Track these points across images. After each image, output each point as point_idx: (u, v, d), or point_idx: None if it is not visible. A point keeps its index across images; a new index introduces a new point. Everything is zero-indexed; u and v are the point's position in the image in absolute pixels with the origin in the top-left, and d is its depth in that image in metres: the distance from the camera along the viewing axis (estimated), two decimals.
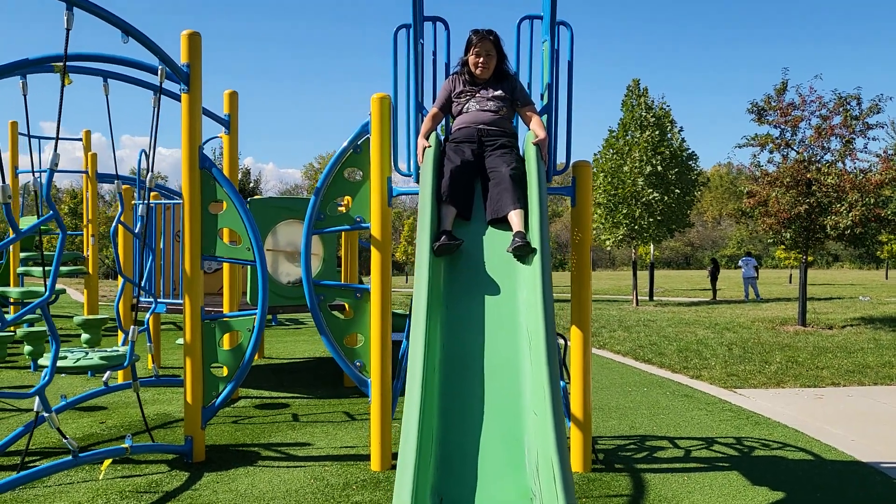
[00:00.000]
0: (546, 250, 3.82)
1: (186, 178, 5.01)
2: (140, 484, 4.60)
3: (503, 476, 3.10)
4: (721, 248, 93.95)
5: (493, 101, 4.56)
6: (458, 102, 4.63)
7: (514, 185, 4.18)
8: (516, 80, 4.77)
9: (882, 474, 5.00)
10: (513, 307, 3.78)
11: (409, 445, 2.89)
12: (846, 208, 12.88)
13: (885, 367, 9.30)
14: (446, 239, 3.92)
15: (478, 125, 4.51)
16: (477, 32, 4.57)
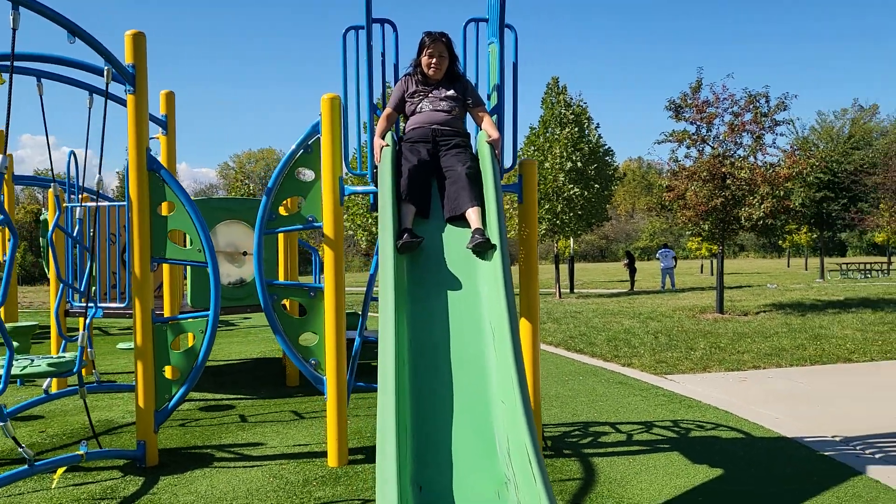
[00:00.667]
0: (504, 245, 3.98)
1: (134, 181, 4.95)
2: (95, 491, 4.54)
3: (477, 463, 3.24)
4: (634, 241, 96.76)
5: (446, 101, 4.69)
6: (412, 102, 4.74)
7: (470, 184, 4.32)
8: (468, 81, 4.91)
9: (806, 447, 5.38)
10: (475, 301, 3.92)
11: (388, 439, 2.99)
12: (758, 200, 13.60)
13: (799, 350, 9.90)
14: (408, 237, 4.04)
15: (432, 125, 4.63)
16: (430, 35, 4.69)
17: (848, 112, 68.75)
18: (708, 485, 4.56)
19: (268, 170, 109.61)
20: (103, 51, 4.69)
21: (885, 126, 70.91)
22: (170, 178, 5.02)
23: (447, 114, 4.67)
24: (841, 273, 35.59)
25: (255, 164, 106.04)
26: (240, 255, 7.52)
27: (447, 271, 4.07)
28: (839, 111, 62.16)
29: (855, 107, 69.20)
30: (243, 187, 52.55)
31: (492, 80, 5.09)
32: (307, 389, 7.77)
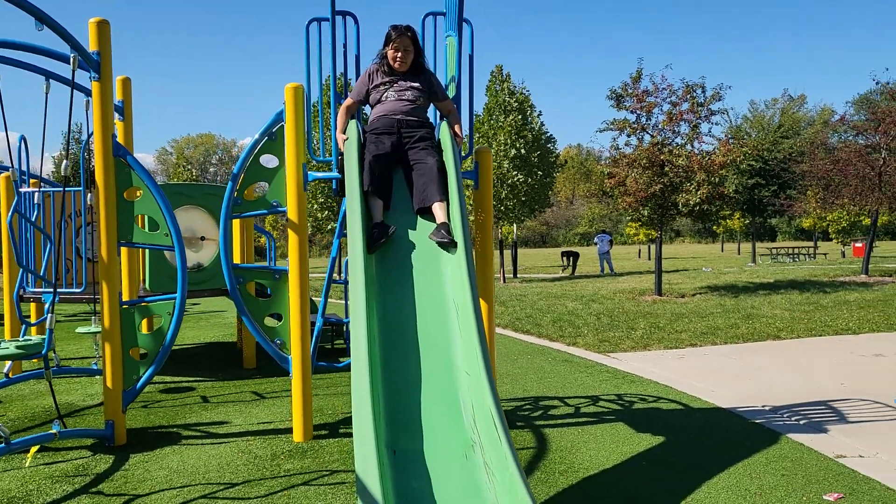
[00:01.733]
0: (466, 229, 4.24)
1: (100, 166, 5.04)
2: (67, 469, 4.66)
3: (445, 429, 3.52)
4: (574, 227, 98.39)
5: (411, 91, 4.79)
6: (378, 91, 4.82)
7: (439, 177, 4.45)
8: (432, 74, 5.01)
9: (739, 417, 5.81)
10: (439, 281, 4.18)
11: (364, 407, 3.24)
12: (695, 187, 14.19)
13: (732, 329, 10.47)
14: (380, 233, 4.19)
15: (396, 115, 4.72)
16: (396, 28, 4.78)
17: (778, 102, 71.20)
18: (651, 451, 4.93)
19: (207, 155, 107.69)
20: (69, 38, 4.76)
21: (812, 116, 73.60)
22: (136, 163, 5.13)
23: (412, 103, 4.77)
24: (771, 257, 37.00)
25: (195, 150, 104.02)
26: (197, 240, 7.62)
27: (412, 255, 4.30)
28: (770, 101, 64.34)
29: (784, 97, 71.75)
30: (185, 172, 51.65)
31: (449, 72, 5.34)
32: (265, 371, 7.94)
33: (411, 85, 4.82)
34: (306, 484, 4.33)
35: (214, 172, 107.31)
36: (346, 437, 5.34)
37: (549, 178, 25.75)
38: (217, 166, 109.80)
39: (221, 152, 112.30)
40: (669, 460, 4.71)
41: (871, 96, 44.87)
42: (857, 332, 10.09)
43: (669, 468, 4.54)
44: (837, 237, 38.10)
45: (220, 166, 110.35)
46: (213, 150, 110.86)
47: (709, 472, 4.42)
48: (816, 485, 4.17)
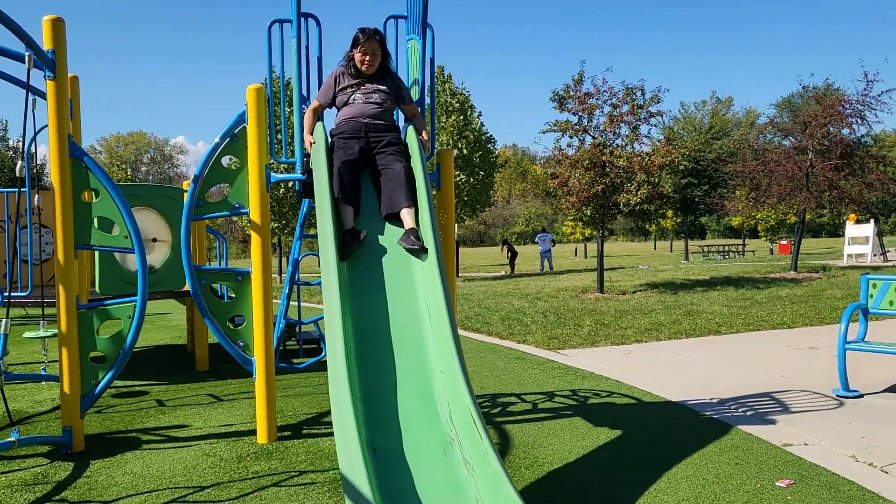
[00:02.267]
0: (436, 232, 4.32)
1: (56, 167, 4.94)
2: (25, 478, 4.55)
3: (422, 427, 3.59)
4: (511, 226, 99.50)
5: (378, 94, 4.83)
6: (344, 94, 4.86)
7: (407, 183, 4.52)
8: (399, 77, 5.08)
9: (689, 409, 6.05)
10: (410, 283, 4.25)
11: (345, 408, 3.29)
12: (635, 187, 14.58)
13: (675, 324, 10.82)
14: (351, 240, 4.28)
15: (364, 118, 4.76)
16: (364, 31, 4.81)
17: (707, 104, 73.46)
18: (610, 444, 5.10)
19: (138, 154, 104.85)
20: (24, 36, 4.66)
21: (739, 117, 76.14)
22: (93, 164, 5.04)
23: (379, 106, 4.81)
24: (703, 255, 38.15)
25: (125, 149, 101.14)
26: (149, 242, 7.48)
27: (383, 259, 4.36)
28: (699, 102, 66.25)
29: (713, 99, 74.10)
30: (120, 172, 50.23)
31: (411, 75, 5.41)
32: (219, 374, 7.86)
33: (378, 87, 4.86)
34: (276, 485, 4.34)
35: (146, 171, 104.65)
36: (310, 437, 5.36)
37: (490, 178, 26.05)
38: (149, 165, 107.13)
39: (153, 151, 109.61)
40: (628, 453, 4.88)
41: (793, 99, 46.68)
42: (791, 326, 10.56)
43: (629, 460, 4.71)
44: (766, 235, 39.55)
45: (153, 165, 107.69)
46: (145, 149, 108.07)
47: (667, 463, 4.60)
48: (768, 472, 4.39)
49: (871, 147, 20.79)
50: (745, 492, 4.07)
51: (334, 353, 3.57)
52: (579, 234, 45.30)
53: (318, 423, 5.77)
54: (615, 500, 4.01)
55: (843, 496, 3.97)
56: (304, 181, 5.17)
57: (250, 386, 7.21)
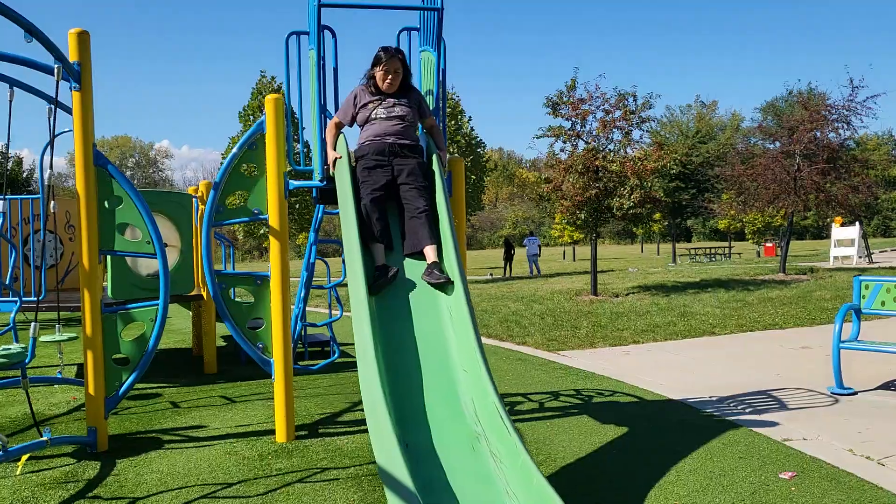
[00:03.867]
0: (460, 260, 4.49)
1: (81, 176, 5.09)
2: (56, 476, 4.69)
3: (449, 423, 3.78)
4: (498, 230, 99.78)
5: (400, 108, 4.85)
6: (366, 109, 4.88)
7: (429, 221, 4.57)
8: (419, 92, 5.14)
9: (690, 406, 6.26)
10: (432, 289, 4.45)
11: (380, 406, 3.47)
12: (628, 191, 14.84)
13: (670, 326, 11.06)
14: (383, 278, 4.35)
15: (388, 138, 4.78)
16: (386, 50, 4.84)
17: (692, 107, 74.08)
18: (617, 440, 5.30)
19: (123, 158, 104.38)
20: (54, 49, 4.81)
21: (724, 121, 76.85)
22: (117, 172, 5.19)
23: (402, 121, 4.82)
24: (690, 257, 38.54)
25: (110, 152, 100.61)
26: None
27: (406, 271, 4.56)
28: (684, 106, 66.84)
29: (697, 102, 74.70)
30: None
31: (425, 86, 5.60)
32: (227, 376, 8.01)
33: (400, 102, 4.89)
34: (301, 482, 4.50)
35: (131, 176, 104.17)
36: (327, 436, 5.52)
37: (481, 182, 26.28)
38: (133, 170, 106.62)
39: (138, 155, 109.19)
40: (636, 448, 5.08)
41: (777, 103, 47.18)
42: (783, 326, 10.82)
43: (638, 455, 4.90)
44: (753, 237, 40.02)
45: (137, 170, 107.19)
46: (130, 153, 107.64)
47: (674, 458, 4.80)
48: (771, 465, 4.60)
49: (855, 151, 21.19)
50: (751, 483, 4.28)
51: (365, 357, 3.74)
52: (567, 237, 45.64)
53: (333, 423, 5.93)
54: (628, 493, 4.20)
55: (843, 487, 4.18)
56: (321, 188, 5.33)
57: (261, 388, 7.37)
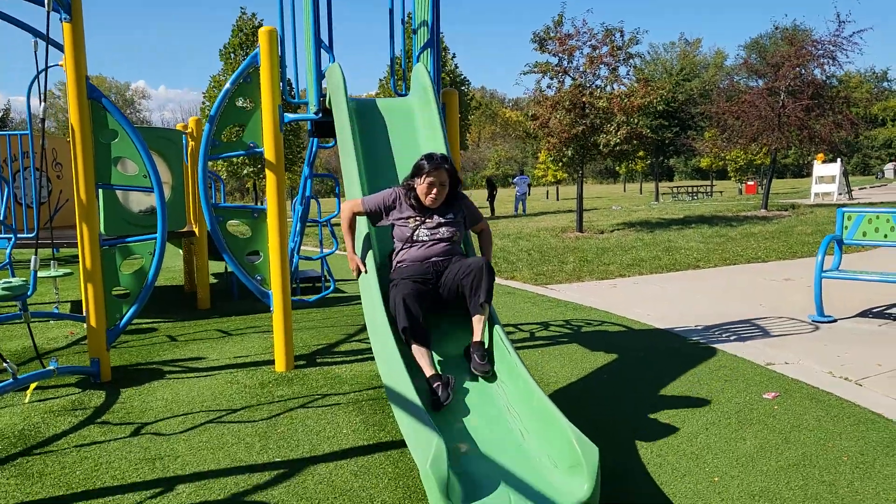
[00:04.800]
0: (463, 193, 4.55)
1: (75, 109, 5.07)
2: (64, 404, 4.81)
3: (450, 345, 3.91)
4: (482, 170, 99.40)
5: (447, 228, 4.08)
6: (405, 225, 4.09)
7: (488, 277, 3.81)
8: (467, 198, 4.36)
9: (677, 335, 6.45)
10: None
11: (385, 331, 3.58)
12: (615, 128, 14.87)
13: (655, 260, 11.25)
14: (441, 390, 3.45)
15: (430, 259, 4.02)
16: (430, 159, 4.06)
17: (676, 45, 73.45)
18: (606, 366, 5.48)
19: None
20: None
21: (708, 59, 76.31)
22: (111, 106, 5.18)
23: (448, 242, 4.07)
24: (672, 196, 38.77)
25: None
26: None
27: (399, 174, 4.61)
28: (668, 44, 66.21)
29: (681, 40, 74.12)
30: None
31: (419, 15, 5.58)
32: (221, 311, 8.12)
33: (446, 219, 4.11)
34: (304, 407, 4.65)
35: None
36: (325, 365, 5.66)
37: (466, 121, 26.13)
38: None
39: (115, 95, 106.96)
40: (625, 373, 5.27)
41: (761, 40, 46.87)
42: (765, 260, 11.04)
43: (627, 380, 5.09)
44: (735, 175, 40.26)
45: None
46: (106, 94, 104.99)
47: (662, 382, 4.99)
48: (755, 387, 4.80)
49: (838, 88, 21.24)
50: (737, 403, 4.47)
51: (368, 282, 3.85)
52: (551, 176, 45.66)
53: (330, 353, 6.07)
54: (617, 413, 4.38)
55: (822, 405, 4.38)
56: (315, 121, 5.35)
57: (255, 321, 7.49)
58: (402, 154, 4.90)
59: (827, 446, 3.75)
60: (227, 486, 3.47)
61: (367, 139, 4.97)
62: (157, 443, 4.05)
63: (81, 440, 4.11)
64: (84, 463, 3.77)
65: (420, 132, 5.14)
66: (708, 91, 35.54)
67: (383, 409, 4.53)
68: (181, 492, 3.41)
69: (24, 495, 3.41)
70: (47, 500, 3.36)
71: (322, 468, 3.66)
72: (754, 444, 3.81)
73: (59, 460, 3.82)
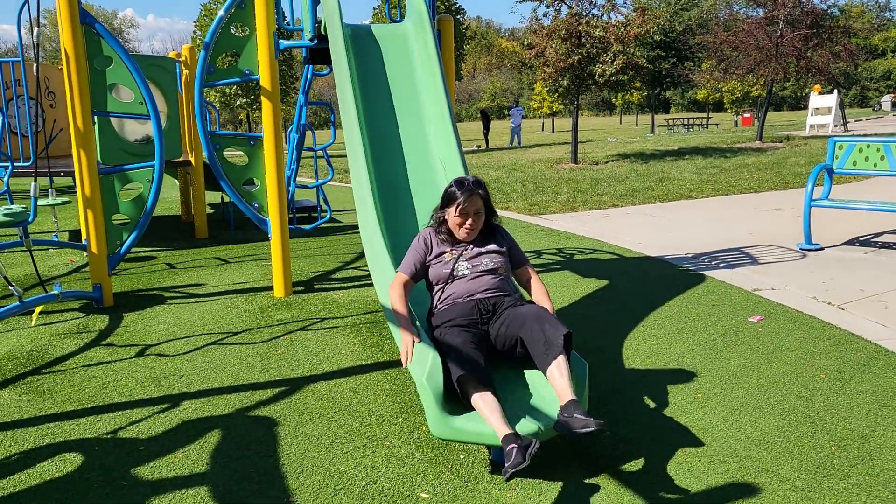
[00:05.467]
0: (449, 97, 4.59)
1: (68, 34, 5.04)
2: (69, 328, 4.94)
3: None
4: (477, 101, 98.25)
5: (489, 258, 3.49)
6: (443, 264, 3.49)
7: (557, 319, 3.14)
8: (506, 231, 3.74)
9: (667, 262, 6.58)
10: (424, 139, 4.58)
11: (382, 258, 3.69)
12: (611, 58, 14.73)
13: (648, 191, 11.34)
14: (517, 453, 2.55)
15: (475, 295, 3.39)
16: (462, 185, 3.47)
17: None
18: (598, 291, 5.62)
19: None
20: None
21: None
22: (105, 31, 5.15)
23: (493, 275, 3.45)
24: (668, 128, 38.54)
25: None
26: None
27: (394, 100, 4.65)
28: None
29: None
30: None
31: None
32: (218, 240, 8.21)
33: (487, 249, 3.52)
34: (303, 329, 4.79)
35: None
36: (322, 291, 5.79)
37: (460, 51, 25.76)
38: None
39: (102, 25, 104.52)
40: (616, 298, 5.41)
41: None
42: (757, 190, 11.14)
43: (618, 303, 5.23)
44: (731, 107, 39.98)
45: None
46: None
47: (652, 305, 5.13)
48: (741, 311, 4.95)
49: (838, 18, 20.95)
50: (723, 326, 4.63)
51: (364, 203, 3.94)
52: (546, 108, 45.25)
53: (328, 280, 6.20)
54: (610, 335, 4.53)
55: (805, 327, 4.54)
56: (311, 48, 5.34)
57: (252, 250, 7.60)
58: (397, 81, 4.91)
59: (806, 365, 3.91)
60: (231, 402, 3.62)
61: (363, 66, 4.97)
62: (161, 363, 4.19)
63: (88, 360, 4.25)
64: (92, 381, 3.92)
65: (415, 59, 5.14)
66: (706, 21, 35.02)
67: (380, 332, 4.67)
68: (186, 407, 3.57)
69: (38, 410, 3.55)
70: (59, 414, 3.51)
71: (322, 386, 3.81)
72: (738, 364, 3.96)
73: (68, 379, 3.96)
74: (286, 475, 2.89)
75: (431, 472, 2.89)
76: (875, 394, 3.51)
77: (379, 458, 3.02)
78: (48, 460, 3.04)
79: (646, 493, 2.70)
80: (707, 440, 3.10)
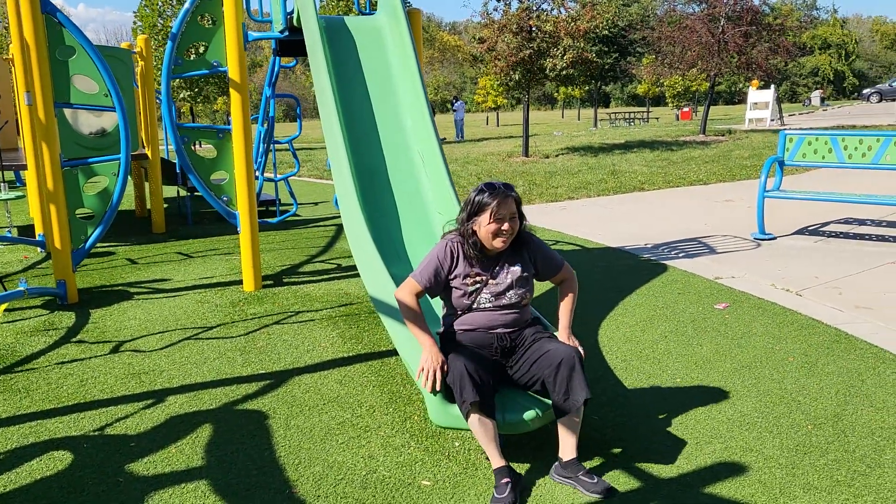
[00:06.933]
0: (423, 85, 4.62)
1: (29, 23, 4.90)
2: (35, 325, 4.81)
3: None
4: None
5: (514, 292, 3.11)
6: (463, 290, 3.13)
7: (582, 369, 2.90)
8: (537, 243, 3.26)
9: (630, 253, 6.73)
10: (401, 130, 4.61)
11: (367, 245, 3.71)
12: (561, 52, 14.92)
13: (601, 183, 11.54)
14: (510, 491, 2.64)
15: (495, 328, 3.13)
16: (493, 189, 3.03)
17: None
18: None
19: None
20: None
21: None
22: (66, 20, 5.02)
23: (516, 310, 3.15)
24: (610, 122, 39.14)
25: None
26: None
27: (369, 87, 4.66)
28: None
29: None
30: None
31: None
32: (177, 235, 8.07)
33: (513, 278, 3.12)
34: (278, 323, 4.77)
35: None
36: (292, 285, 5.76)
37: None
38: None
39: None
40: (585, 288, 5.50)
41: None
42: (706, 182, 11.45)
43: (587, 293, 5.34)
44: (673, 101, 40.84)
45: None
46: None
47: (620, 295, 5.26)
48: (707, 298, 5.12)
49: (769, 16, 21.62)
50: (691, 314, 4.78)
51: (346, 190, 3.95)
52: (490, 102, 45.48)
53: (297, 274, 6.17)
54: (582, 324, 4.63)
55: (769, 314, 4.72)
56: (280, 39, 5.30)
57: (215, 244, 7.49)
58: (372, 73, 4.92)
59: (775, 349, 4.08)
60: (218, 396, 3.60)
61: (337, 58, 4.96)
62: (138, 359, 4.13)
63: (61, 358, 4.16)
64: (69, 379, 3.84)
65: (390, 53, 5.15)
66: (647, 17, 35.72)
67: (357, 325, 4.68)
68: (172, 402, 3.53)
69: (15, 409, 3.48)
70: (40, 412, 3.44)
71: (307, 378, 3.82)
72: (710, 349, 4.11)
73: (43, 377, 3.87)
74: (284, 467, 2.90)
75: (430, 460, 2.94)
76: (841, 375, 3.69)
77: (375, 448, 3.05)
78: (36, 459, 2.99)
79: (640, 475, 2.80)
80: (690, 422, 3.22)
